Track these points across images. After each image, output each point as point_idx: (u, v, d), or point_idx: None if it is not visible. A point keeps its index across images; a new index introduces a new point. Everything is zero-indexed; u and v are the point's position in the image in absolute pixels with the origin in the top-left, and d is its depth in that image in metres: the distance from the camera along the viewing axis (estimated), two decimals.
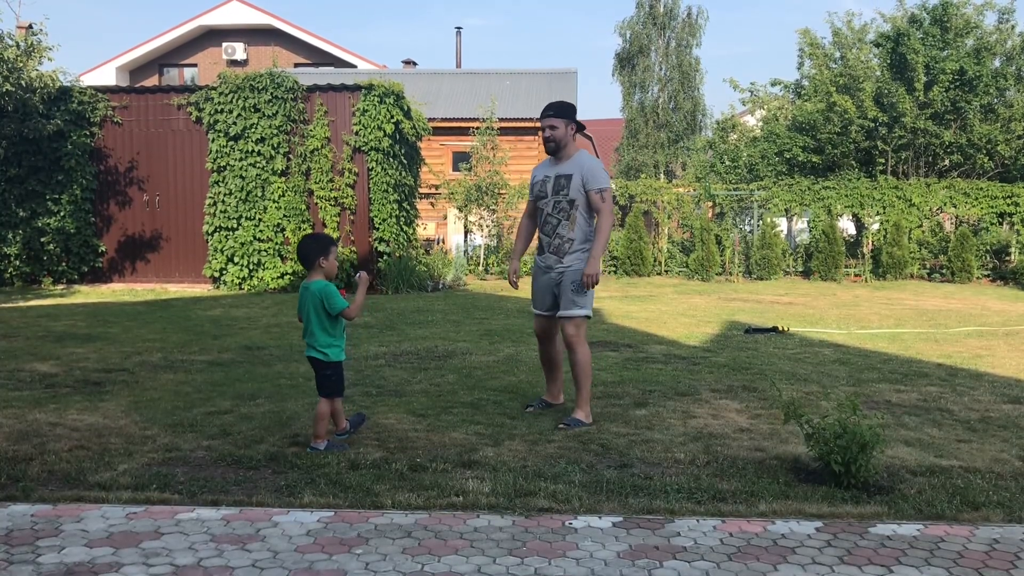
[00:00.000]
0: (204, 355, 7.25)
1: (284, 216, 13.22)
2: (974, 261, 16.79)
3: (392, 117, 13.16)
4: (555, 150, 5.08)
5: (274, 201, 13.24)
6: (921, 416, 5.26)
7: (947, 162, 19.21)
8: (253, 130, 13.24)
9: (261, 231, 13.25)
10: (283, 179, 13.29)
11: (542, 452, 4.37)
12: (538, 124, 5.80)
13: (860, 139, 18.75)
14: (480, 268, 17.25)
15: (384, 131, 13.08)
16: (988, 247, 17.41)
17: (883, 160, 19.07)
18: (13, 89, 12.75)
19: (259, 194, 13.29)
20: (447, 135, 21.64)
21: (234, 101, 13.30)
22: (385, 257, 13.30)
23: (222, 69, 15.07)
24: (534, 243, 5.43)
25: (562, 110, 5.08)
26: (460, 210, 18.29)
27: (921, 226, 17.92)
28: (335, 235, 13.10)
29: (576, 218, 4.99)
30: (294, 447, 4.38)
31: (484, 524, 3.36)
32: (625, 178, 26.13)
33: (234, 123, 13.28)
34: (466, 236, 18.64)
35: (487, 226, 18.10)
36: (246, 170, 13.28)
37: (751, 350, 7.81)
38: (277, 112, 13.23)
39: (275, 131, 13.23)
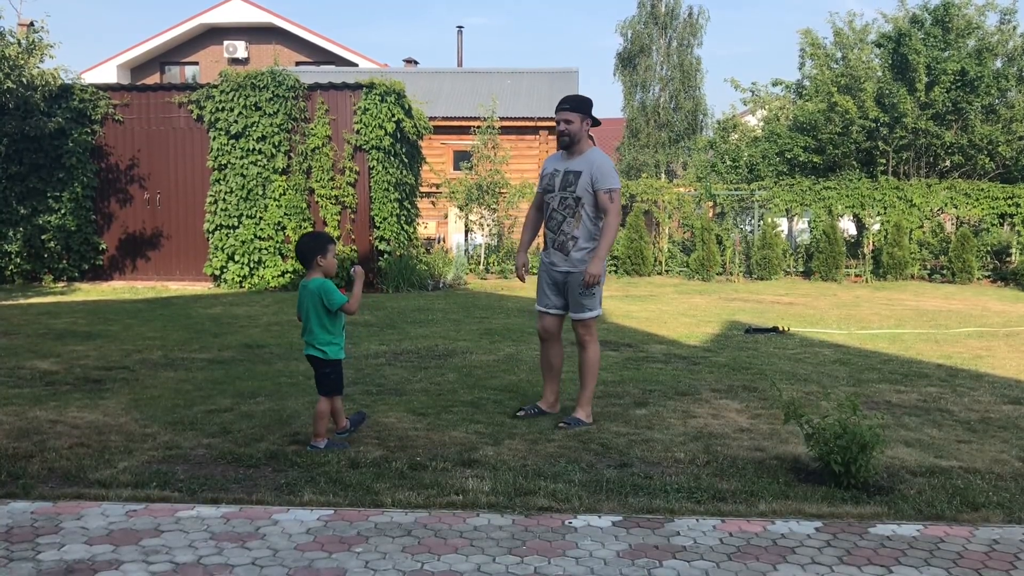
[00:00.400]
0: (204, 353, 7.25)
1: (285, 214, 13.22)
2: (975, 262, 16.78)
3: (393, 116, 13.16)
4: (568, 144, 5.00)
5: (275, 199, 13.24)
6: (921, 416, 5.26)
7: (948, 163, 19.19)
8: (254, 128, 13.24)
9: (262, 229, 13.25)
10: (284, 177, 13.29)
11: (542, 451, 4.37)
12: (539, 123, 5.76)
13: (861, 139, 18.73)
14: (481, 267, 17.23)
15: (385, 130, 13.08)
16: (989, 248, 17.40)
17: (884, 160, 19.06)
18: (14, 86, 12.75)
19: (260, 192, 13.29)
20: (448, 134, 21.62)
21: (235, 99, 13.29)
22: (386, 256, 13.30)
23: (223, 67, 15.08)
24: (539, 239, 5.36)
25: (579, 104, 4.99)
26: (461, 209, 18.27)
27: (922, 227, 17.90)
28: (336, 234, 13.10)
29: (582, 216, 4.92)
30: (294, 445, 4.39)
31: (484, 523, 3.36)
32: (626, 178, 26.06)
33: (235, 121, 13.28)
34: (467, 235, 18.62)
35: (488, 225, 18.09)
36: (247, 168, 13.27)
37: (751, 350, 7.81)
38: (278, 110, 13.22)
39: (276, 129, 13.22)
